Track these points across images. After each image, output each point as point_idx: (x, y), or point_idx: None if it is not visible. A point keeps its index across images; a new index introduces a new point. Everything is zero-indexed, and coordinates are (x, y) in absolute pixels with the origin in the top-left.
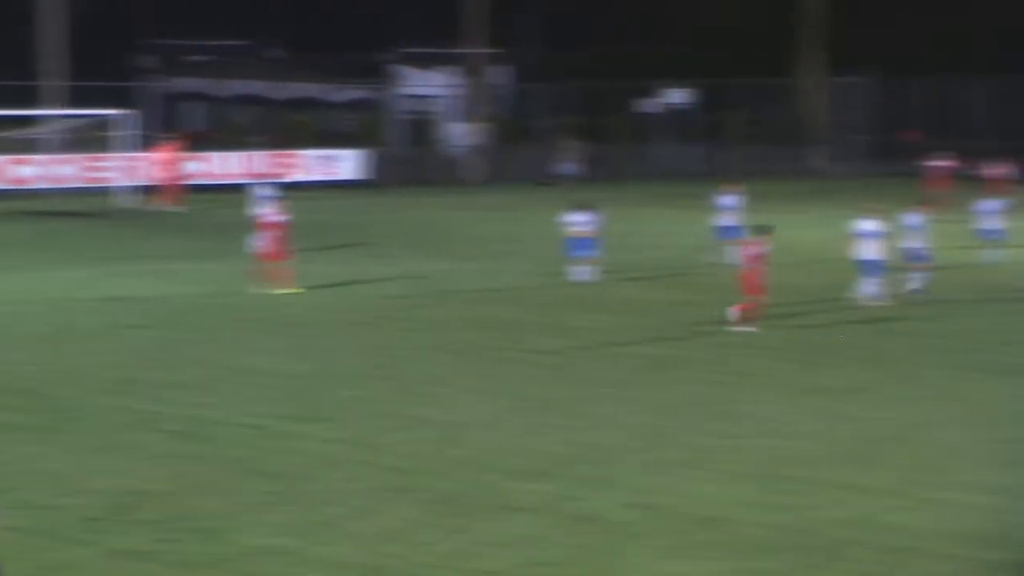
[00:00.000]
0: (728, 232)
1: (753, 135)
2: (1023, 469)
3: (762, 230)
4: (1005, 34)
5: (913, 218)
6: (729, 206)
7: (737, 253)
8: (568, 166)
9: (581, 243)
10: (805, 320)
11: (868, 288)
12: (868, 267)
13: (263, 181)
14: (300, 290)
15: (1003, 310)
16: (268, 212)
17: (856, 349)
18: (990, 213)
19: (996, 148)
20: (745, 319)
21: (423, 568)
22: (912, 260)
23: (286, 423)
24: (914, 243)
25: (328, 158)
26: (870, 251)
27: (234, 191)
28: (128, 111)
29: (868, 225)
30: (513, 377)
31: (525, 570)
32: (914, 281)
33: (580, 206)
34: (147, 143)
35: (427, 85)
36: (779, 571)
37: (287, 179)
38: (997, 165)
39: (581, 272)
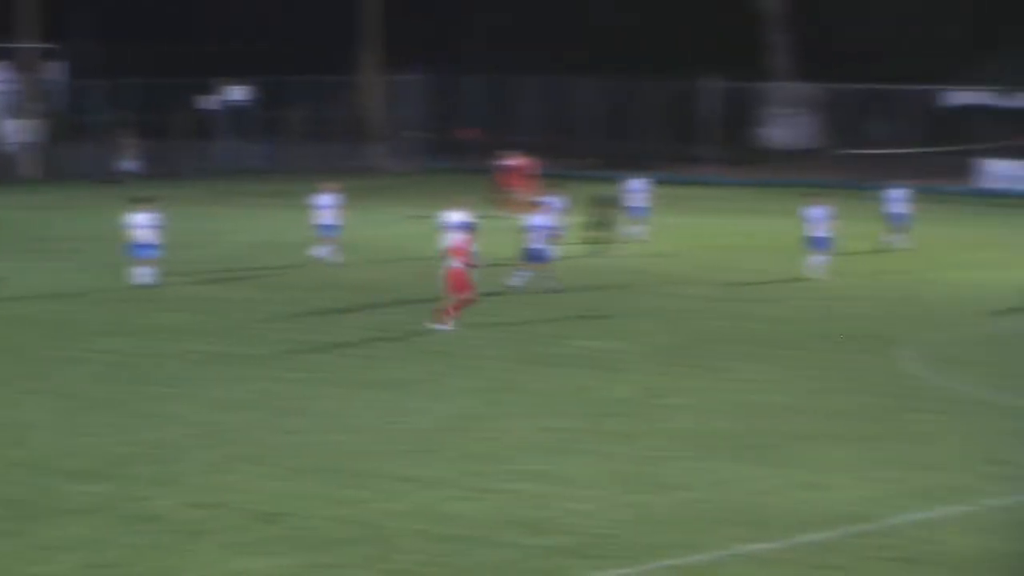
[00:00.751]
0: (326, 230)
1: (313, 132)
2: (573, 457)
3: (469, 227)
4: (551, 34)
5: (537, 218)
6: (327, 205)
7: (337, 251)
8: (129, 163)
9: (143, 245)
10: (374, 315)
11: None
12: None
13: None
14: None
15: (558, 303)
16: None
17: (420, 342)
18: (553, 210)
19: (546, 145)
20: (452, 317)
21: None
22: (535, 260)
23: None
24: (540, 243)
25: None
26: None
27: None
28: None
29: (455, 217)
30: (71, 377)
31: (84, 572)
32: (520, 278)
33: (142, 206)
34: None
35: None
36: (342, 564)
37: None
38: (519, 159)
39: (144, 273)
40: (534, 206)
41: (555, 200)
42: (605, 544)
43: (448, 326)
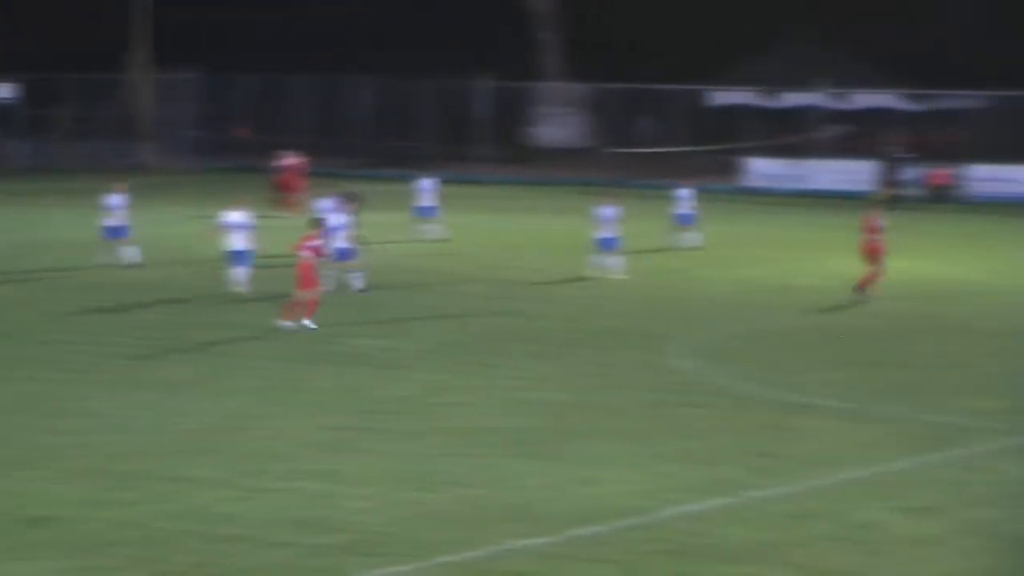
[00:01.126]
0: (116, 232)
1: (82, 130)
2: (351, 455)
3: (315, 224)
4: (325, 33)
5: (338, 217)
6: (117, 206)
7: (132, 252)
8: None
9: None
10: (149, 315)
11: (238, 278)
12: (238, 258)
13: None
14: None
15: (340, 302)
16: None
17: (196, 343)
18: (329, 210)
19: (319, 144)
20: (296, 316)
21: None
22: (343, 259)
23: None
24: (343, 243)
25: None
26: (239, 242)
27: None
28: None
29: (236, 217)
30: None
31: None
32: (357, 279)
33: None
34: None
35: None
36: (114, 567)
37: None
38: (288, 156)
39: None
40: (301, 206)
41: (331, 201)
42: (383, 542)
43: (294, 324)
